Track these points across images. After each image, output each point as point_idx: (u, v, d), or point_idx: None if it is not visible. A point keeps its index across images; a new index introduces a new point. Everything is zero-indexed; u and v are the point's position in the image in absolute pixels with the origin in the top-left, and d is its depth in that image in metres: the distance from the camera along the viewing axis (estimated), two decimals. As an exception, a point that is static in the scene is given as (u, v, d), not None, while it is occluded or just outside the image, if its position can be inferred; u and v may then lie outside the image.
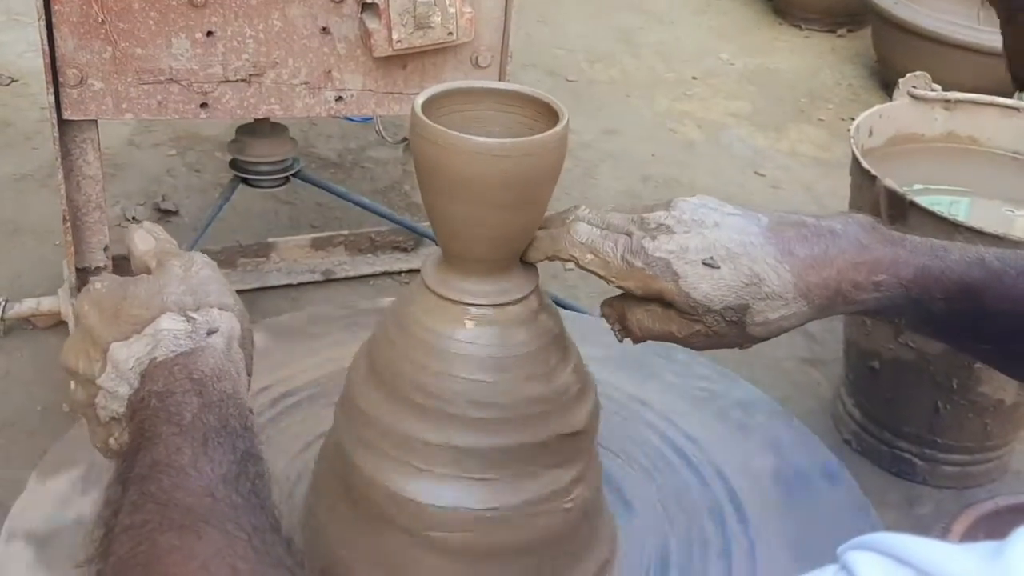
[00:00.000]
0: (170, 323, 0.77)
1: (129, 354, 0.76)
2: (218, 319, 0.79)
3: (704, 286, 0.87)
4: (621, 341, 0.96)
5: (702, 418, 1.30)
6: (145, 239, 0.86)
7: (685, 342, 0.92)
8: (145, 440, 0.68)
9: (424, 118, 0.88)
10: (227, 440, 0.68)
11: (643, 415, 1.29)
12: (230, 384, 0.75)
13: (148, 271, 0.83)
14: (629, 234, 0.90)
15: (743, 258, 0.88)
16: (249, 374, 0.82)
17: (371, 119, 2.67)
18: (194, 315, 0.78)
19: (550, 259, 0.95)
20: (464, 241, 0.94)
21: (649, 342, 0.95)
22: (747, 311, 0.88)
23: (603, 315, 0.97)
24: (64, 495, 1.09)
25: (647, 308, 0.91)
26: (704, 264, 0.87)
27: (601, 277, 0.92)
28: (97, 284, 0.81)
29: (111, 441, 0.78)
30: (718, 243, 0.88)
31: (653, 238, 0.89)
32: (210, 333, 0.77)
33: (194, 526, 0.60)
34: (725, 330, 0.89)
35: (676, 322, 0.90)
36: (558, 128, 0.89)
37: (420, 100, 0.90)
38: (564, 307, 1.73)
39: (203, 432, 0.68)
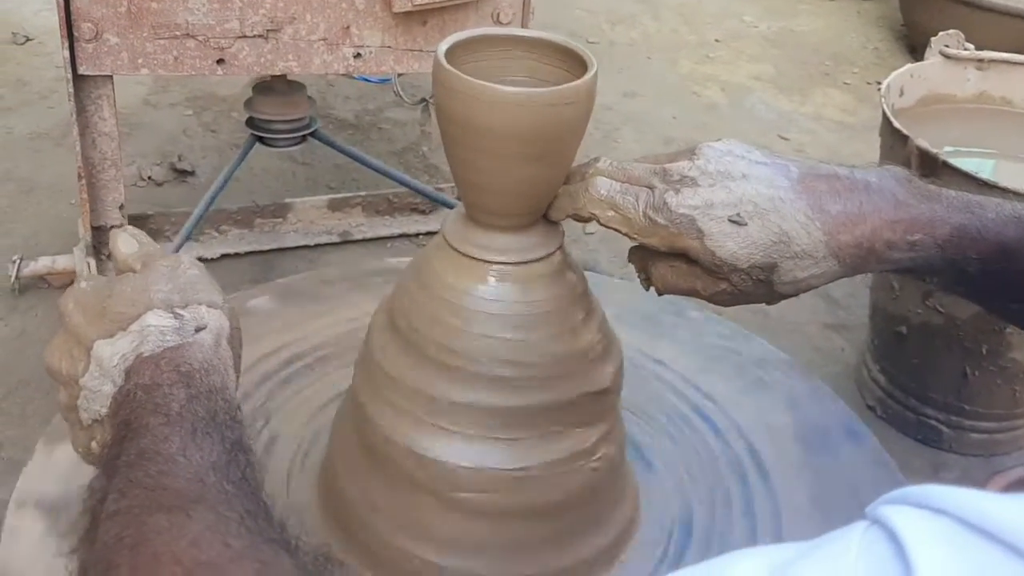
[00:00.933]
0: (156, 319, 0.75)
1: (114, 351, 0.74)
2: (206, 316, 0.77)
3: (730, 244, 0.83)
4: (647, 290, 0.93)
5: (719, 375, 1.27)
6: (128, 242, 0.83)
7: (710, 299, 0.89)
8: (131, 431, 0.66)
9: (448, 66, 0.85)
10: (216, 430, 0.66)
11: (659, 373, 1.26)
12: (218, 379, 0.73)
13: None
14: (651, 188, 0.86)
15: (772, 215, 0.83)
16: (237, 372, 0.80)
17: (389, 79, 2.63)
18: (181, 312, 0.76)
19: (572, 218, 0.92)
20: (488, 196, 0.91)
21: (669, 296, 0.93)
22: (775, 270, 0.84)
23: (629, 261, 0.94)
24: (73, 461, 1.07)
25: (671, 264, 0.88)
26: (730, 221, 0.83)
27: (623, 234, 0.88)
28: (82, 283, 0.80)
29: (93, 445, 0.76)
30: (745, 198, 0.84)
31: (677, 192, 0.85)
32: (198, 330, 0.75)
33: (184, 507, 0.58)
34: (751, 288, 0.86)
35: (701, 279, 0.87)
36: (588, 76, 0.86)
37: (444, 47, 0.87)
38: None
39: (191, 422, 0.66)
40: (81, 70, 1.70)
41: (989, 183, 1.50)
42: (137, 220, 1.99)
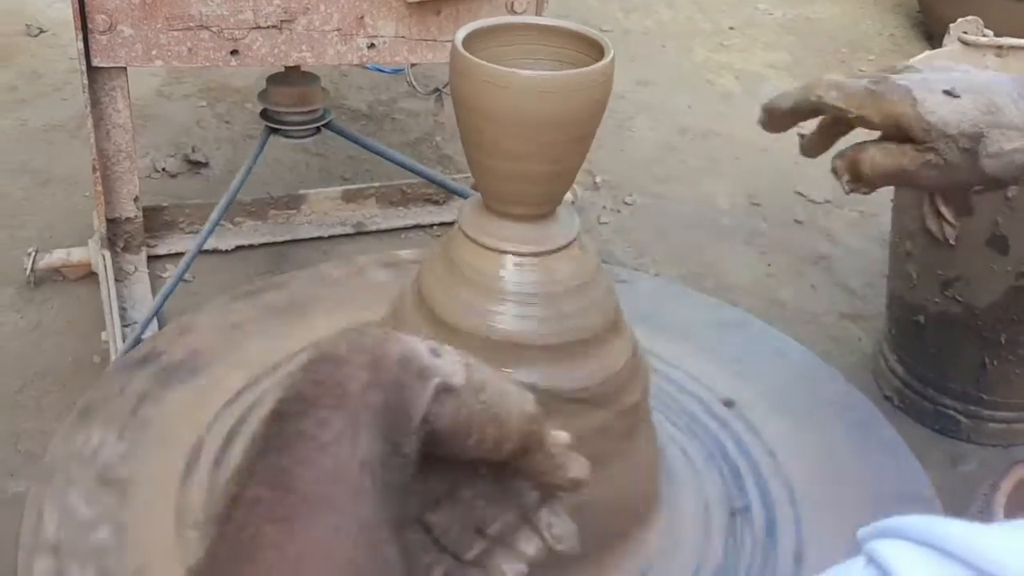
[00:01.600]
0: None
1: None
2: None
3: (942, 111, 0.88)
4: (848, 192, 0.96)
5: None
6: None
7: (916, 177, 0.91)
8: (304, 407, 0.63)
9: (467, 53, 0.84)
10: (381, 424, 0.62)
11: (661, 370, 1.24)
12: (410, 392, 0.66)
13: None
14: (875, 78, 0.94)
15: (984, 91, 0.90)
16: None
17: (402, 70, 2.63)
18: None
19: (795, 109, 0.98)
20: (506, 184, 0.90)
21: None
22: (981, 140, 0.88)
23: (833, 169, 0.97)
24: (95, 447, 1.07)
25: (882, 146, 0.92)
26: (944, 92, 0.89)
27: (840, 111, 0.93)
28: None
29: None
30: (962, 79, 0.91)
31: (898, 72, 0.94)
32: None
33: (303, 514, 0.57)
34: (957, 160, 0.89)
35: (909, 155, 0.90)
36: (605, 60, 0.85)
37: (461, 35, 0.86)
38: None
39: (358, 409, 0.62)
40: (95, 62, 1.70)
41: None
42: (152, 212, 1.99)
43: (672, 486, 1.05)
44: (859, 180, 0.94)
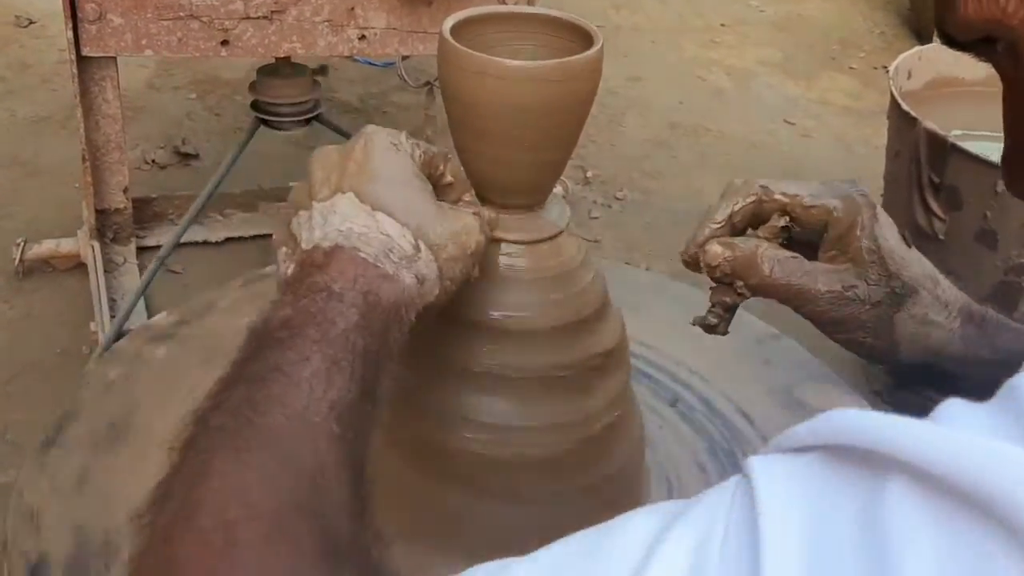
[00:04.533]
0: (390, 228, 0.72)
1: (349, 213, 0.72)
2: (425, 260, 0.73)
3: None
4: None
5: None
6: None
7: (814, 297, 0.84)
8: (288, 332, 0.64)
9: (455, 43, 0.84)
10: (357, 368, 0.64)
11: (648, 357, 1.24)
12: (397, 331, 0.70)
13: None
14: None
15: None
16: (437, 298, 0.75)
17: (393, 63, 2.62)
18: (410, 240, 0.73)
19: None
20: (495, 175, 0.90)
21: None
22: (916, 293, 0.83)
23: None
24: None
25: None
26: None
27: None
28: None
29: (282, 252, 0.76)
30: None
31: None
32: (409, 264, 0.72)
33: (263, 446, 0.57)
34: (878, 299, 0.83)
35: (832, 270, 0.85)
36: (594, 49, 0.85)
37: (449, 23, 0.86)
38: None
39: (339, 350, 0.64)
40: (85, 51, 1.69)
41: (997, 165, 1.50)
42: (141, 203, 1.99)
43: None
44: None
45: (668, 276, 1.55)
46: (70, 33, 1.67)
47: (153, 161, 2.32)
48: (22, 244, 1.89)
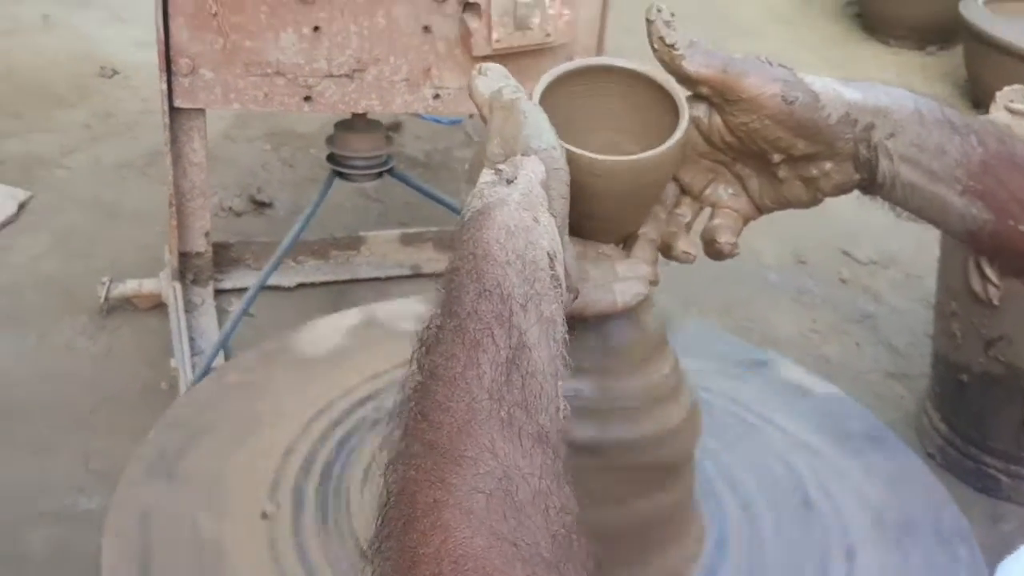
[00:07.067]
0: (483, 177, 0.75)
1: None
2: (518, 166, 0.75)
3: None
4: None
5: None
6: (485, 84, 0.84)
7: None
8: (435, 336, 0.65)
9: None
10: (500, 333, 0.63)
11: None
12: (522, 240, 0.69)
13: (485, 122, 0.82)
14: None
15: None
16: (556, 214, 0.76)
17: (460, 120, 2.71)
18: (502, 166, 0.75)
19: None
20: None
21: None
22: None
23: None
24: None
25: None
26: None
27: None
28: None
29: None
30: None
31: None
32: (509, 182, 0.73)
33: (455, 470, 0.57)
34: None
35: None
36: (683, 124, 0.83)
37: (541, 88, 0.88)
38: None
39: (474, 330, 0.63)
40: (177, 103, 1.79)
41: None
42: (219, 248, 2.07)
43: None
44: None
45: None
46: (164, 85, 1.77)
47: (230, 208, 2.42)
48: (107, 283, 1.98)
